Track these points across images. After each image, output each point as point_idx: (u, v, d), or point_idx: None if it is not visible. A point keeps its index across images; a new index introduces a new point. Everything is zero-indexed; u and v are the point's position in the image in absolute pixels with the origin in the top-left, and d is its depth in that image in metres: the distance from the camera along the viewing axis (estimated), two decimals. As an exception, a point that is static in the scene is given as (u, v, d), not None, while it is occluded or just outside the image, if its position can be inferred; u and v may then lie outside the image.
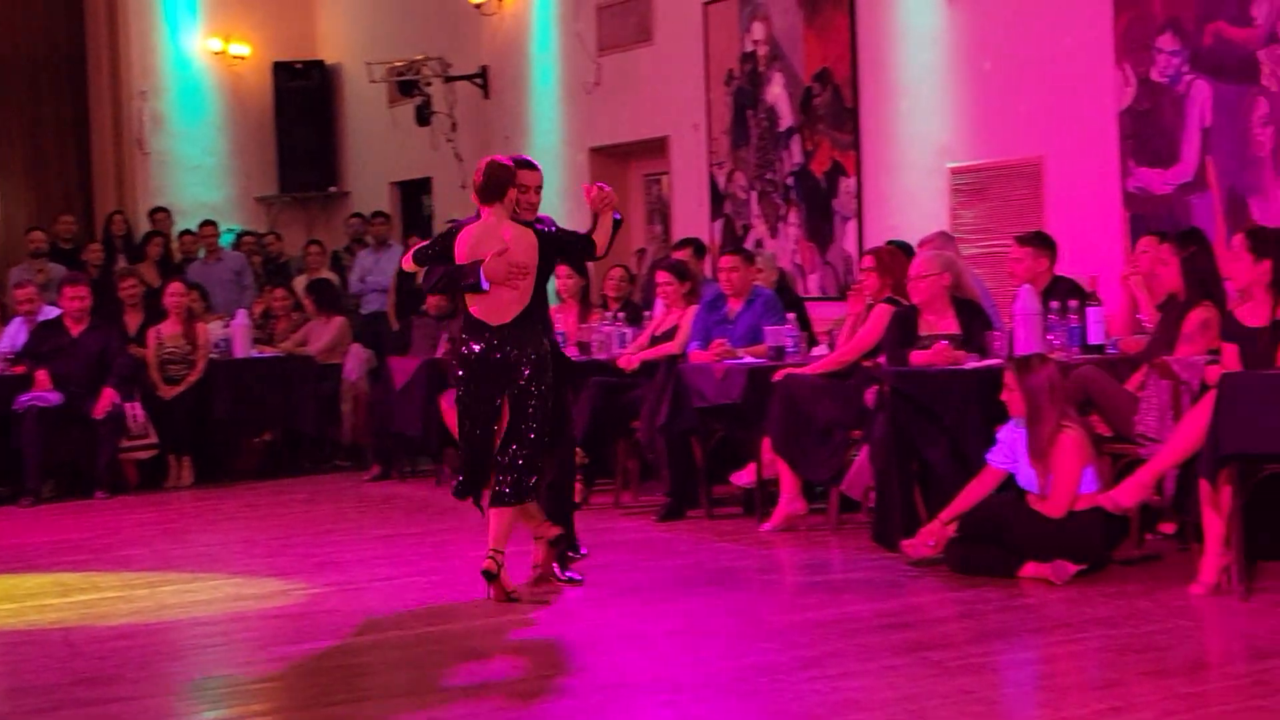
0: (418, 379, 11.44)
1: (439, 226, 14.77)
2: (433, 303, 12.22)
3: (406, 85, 15.36)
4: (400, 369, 11.70)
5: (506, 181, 7.05)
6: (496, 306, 6.96)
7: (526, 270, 6.98)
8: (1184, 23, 9.18)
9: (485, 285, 6.89)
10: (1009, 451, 7.26)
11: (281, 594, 7.42)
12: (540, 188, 7.31)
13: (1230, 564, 6.60)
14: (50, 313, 12.10)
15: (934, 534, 7.35)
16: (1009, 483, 7.33)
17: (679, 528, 9.04)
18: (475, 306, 7.00)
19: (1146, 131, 9.42)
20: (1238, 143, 8.94)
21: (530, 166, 7.33)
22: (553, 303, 12.04)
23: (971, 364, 7.91)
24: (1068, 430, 7.11)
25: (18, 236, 15.83)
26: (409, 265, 7.33)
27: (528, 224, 7.12)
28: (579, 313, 11.17)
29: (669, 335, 9.98)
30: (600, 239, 7.17)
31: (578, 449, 9.83)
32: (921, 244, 9.39)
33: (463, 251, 7.02)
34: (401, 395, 11.59)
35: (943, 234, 9.64)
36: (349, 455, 12.99)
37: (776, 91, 12.01)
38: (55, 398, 11.35)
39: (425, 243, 7.40)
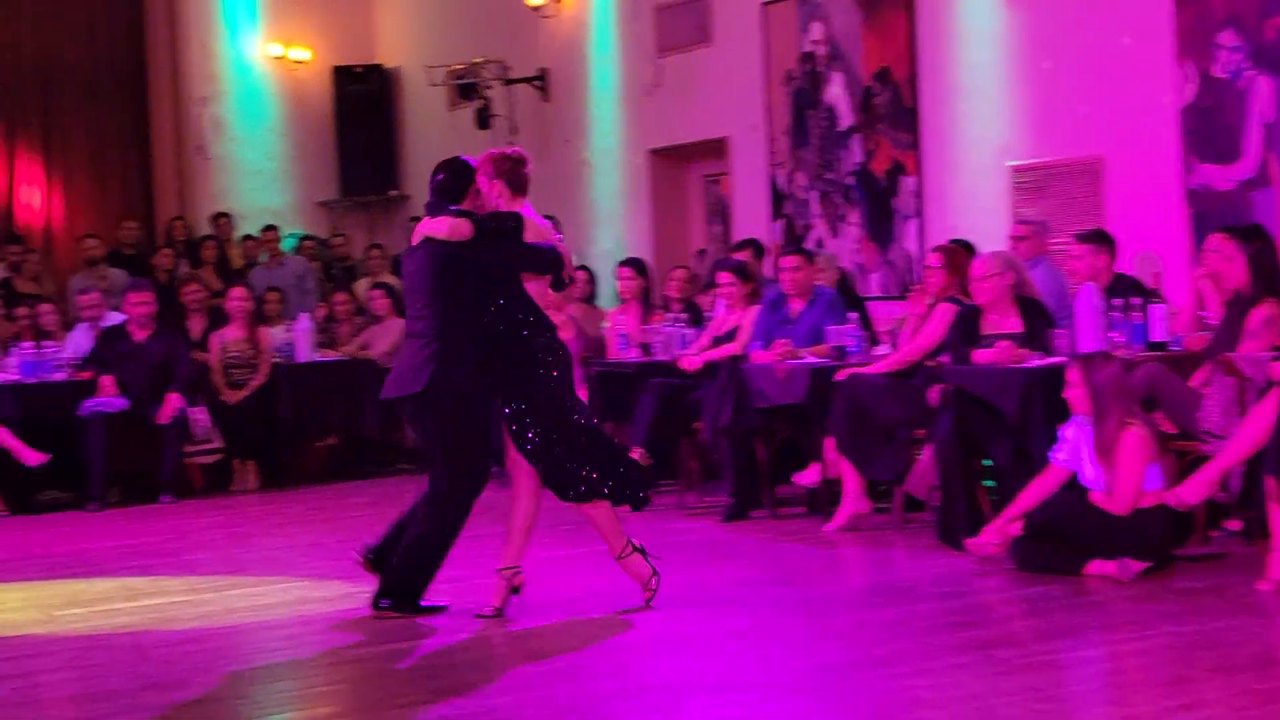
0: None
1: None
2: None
3: (466, 88, 15.43)
4: (462, 372, 11.72)
5: None
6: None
7: None
8: (1244, 18, 9.13)
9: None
10: (1073, 449, 7.24)
11: (348, 597, 7.46)
12: None
13: (1298, 561, 6.57)
14: (114, 318, 12.22)
15: (999, 532, 7.34)
16: (1073, 481, 7.32)
17: (743, 528, 9.06)
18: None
19: (1208, 128, 9.37)
20: (1302, 137, 8.89)
21: None
22: (614, 304, 12.14)
23: (1034, 362, 7.89)
24: (1131, 427, 7.08)
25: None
26: (468, 231, 6.72)
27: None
28: (640, 314, 11.20)
29: (731, 336, 9.98)
30: None
31: (640, 449, 9.91)
32: (1017, 223, 9.46)
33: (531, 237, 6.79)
34: (464, 398, 11.62)
35: (1042, 223, 9.62)
36: (413, 458, 13.04)
37: (836, 91, 12.01)
38: (120, 403, 11.45)
39: (471, 215, 6.78)
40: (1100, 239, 8.75)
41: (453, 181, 6.93)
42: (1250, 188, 9.16)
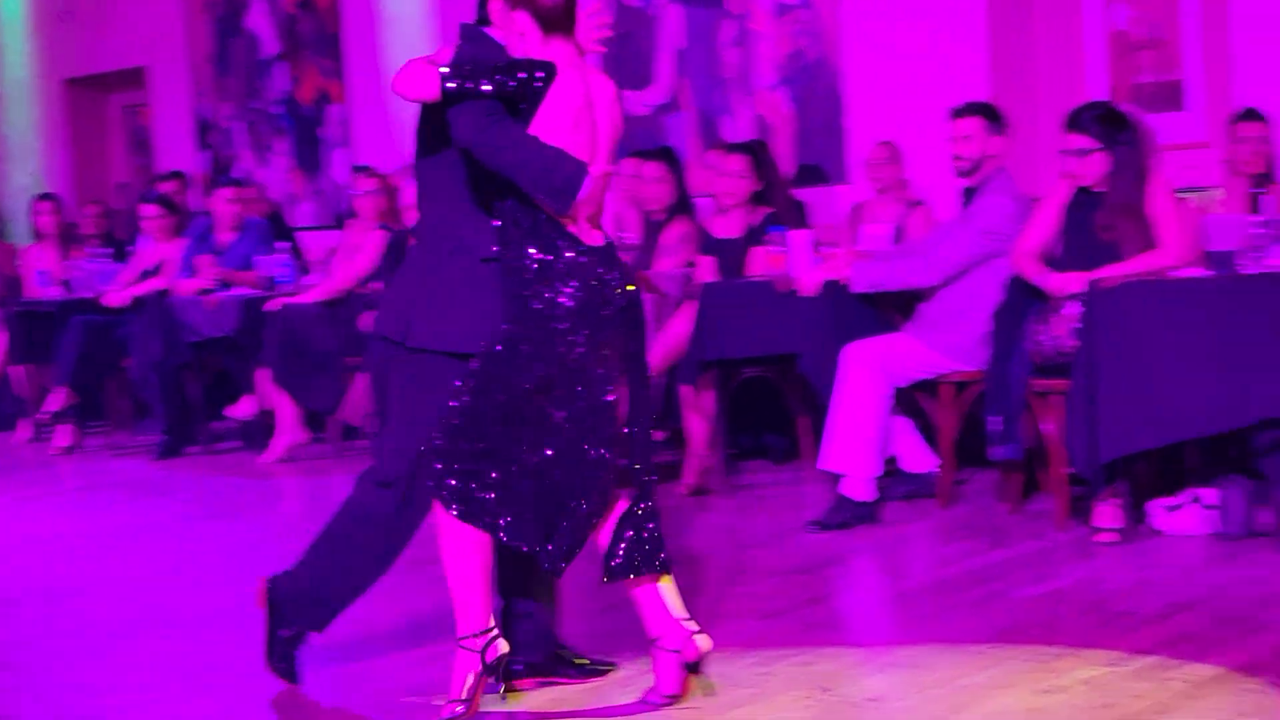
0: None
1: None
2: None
3: None
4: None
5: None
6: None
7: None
8: (654, -52, 9.51)
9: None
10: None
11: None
12: None
13: (714, 465, 6.95)
14: None
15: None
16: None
17: (177, 465, 8.89)
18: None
19: (624, 54, 9.72)
20: (709, 64, 9.35)
21: None
22: (26, 241, 11.62)
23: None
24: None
25: None
26: (435, 93, 3.77)
27: None
28: (60, 250, 10.76)
29: (158, 270, 9.73)
30: None
31: (66, 389, 9.57)
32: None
33: (553, 121, 3.90)
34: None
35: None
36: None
37: (258, 19, 11.82)
38: None
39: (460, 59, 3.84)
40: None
41: None
42: (663, 112, 9.57)
